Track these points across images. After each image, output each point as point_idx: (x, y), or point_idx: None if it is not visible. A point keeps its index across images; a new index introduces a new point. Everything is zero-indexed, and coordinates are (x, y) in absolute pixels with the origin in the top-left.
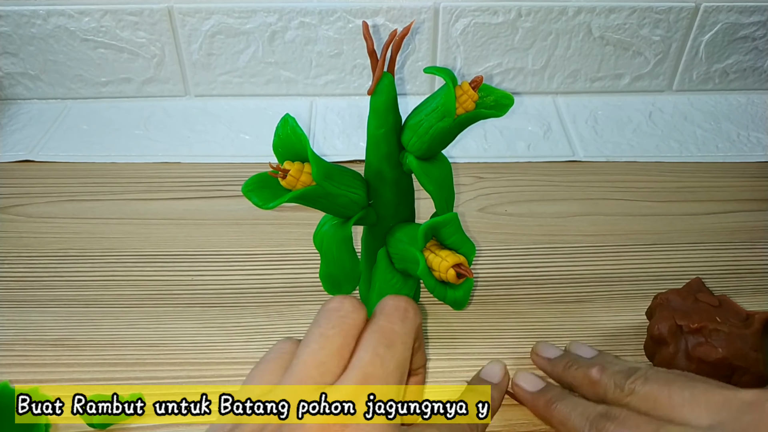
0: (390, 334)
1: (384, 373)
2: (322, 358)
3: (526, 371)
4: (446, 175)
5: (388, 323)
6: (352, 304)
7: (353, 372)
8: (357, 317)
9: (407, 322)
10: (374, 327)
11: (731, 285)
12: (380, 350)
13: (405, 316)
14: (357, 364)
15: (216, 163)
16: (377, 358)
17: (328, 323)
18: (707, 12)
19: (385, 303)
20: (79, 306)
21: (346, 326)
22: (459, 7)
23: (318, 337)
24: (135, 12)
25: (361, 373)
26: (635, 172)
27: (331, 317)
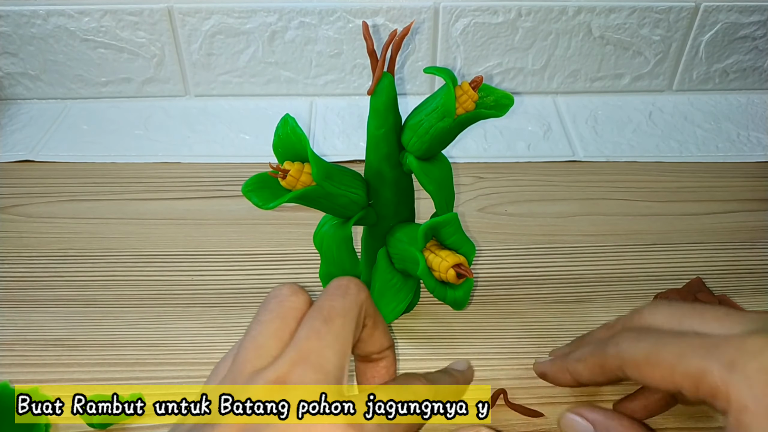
0: (328, 310)
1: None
2: (260, 342)
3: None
4: (446, 175)
5: (326, 300)
6: (290, 289)
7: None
8: (296, 300)
9: (348, 297)
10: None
11: (731, 285)
12: (316, 325)
13: (345, 292)
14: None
15: (216, 163)
16: (313, 333)
17: (265, 310)
18: (707, 12)
19: (328, 285)
20: (79, 306)
21: (283, 309)
22: (459, 7)
23: (255, 325)
24: (135, 12)
25: (296, 349)
26: (635, 172)
27: (268, 304)
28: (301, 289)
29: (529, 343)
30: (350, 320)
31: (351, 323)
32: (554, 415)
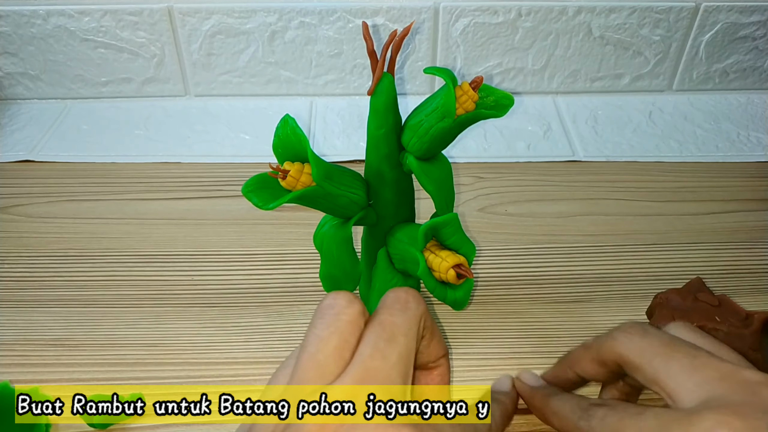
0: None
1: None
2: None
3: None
4: (446, 175)
5: (388, 316)
6: (346, 299)
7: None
8: (353, 312)
9: (408, 312)
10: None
11: (731, 285)
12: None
13: (405, 307)
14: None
15: (216, 163)
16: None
17: (323, 323)
18: (707, 12)
19: (386, 296)
20: (79, 306)
21: (342, 323)
22: (459, 7)
23: (314, 339)
24: (135, 12)
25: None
26: (635, 172)
27: (325, 316)
28: (356, 298)
29: (529, 343)
30: (412, 338)
31: (413, 341)
32: None
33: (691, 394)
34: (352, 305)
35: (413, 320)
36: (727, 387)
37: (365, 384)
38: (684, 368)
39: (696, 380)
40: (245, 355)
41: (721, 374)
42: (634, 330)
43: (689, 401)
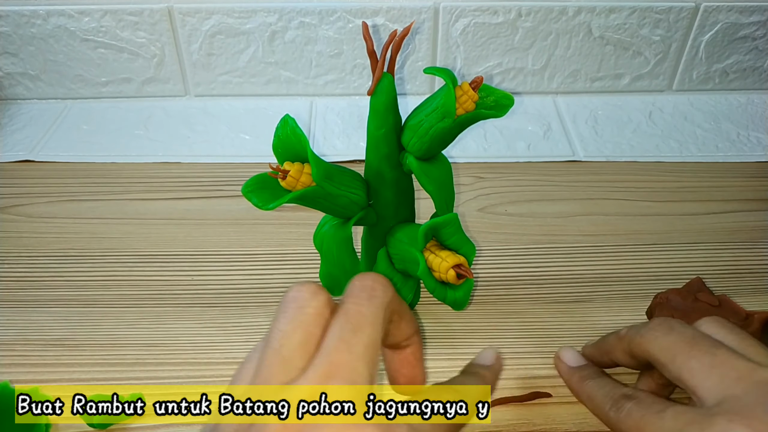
0: (356, 317)
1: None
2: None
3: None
4: (446, 175)
5: (353, 305)
6: (310, 290)
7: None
8: (317, 304)
9: (374, 300)
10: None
11: (731, 285)
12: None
13: (372, 294)
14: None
15: (216, 163)
16: (342, 344)
17: (286, 317)
18: (707, 12)
19: (352, 285)
20: (79, 306)
21: (306, 317)
22: (459, 7)
23: (277, 334)
24: (135, 12)
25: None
26: (635, 172)
27: (288, 310)
28: (321, 288)
29: (529, 343)
30: (379, 327)
31: (379, 329)
32: (553, 416)
33: (710, 392)
34: (317, 296)
35: (379, 308)
36: (742, 388)
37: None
38: (703, 366)
39: (714, 379)
40: (245, 355)
41: (739, 374)
42: (660, 327)
43: (708, 400)
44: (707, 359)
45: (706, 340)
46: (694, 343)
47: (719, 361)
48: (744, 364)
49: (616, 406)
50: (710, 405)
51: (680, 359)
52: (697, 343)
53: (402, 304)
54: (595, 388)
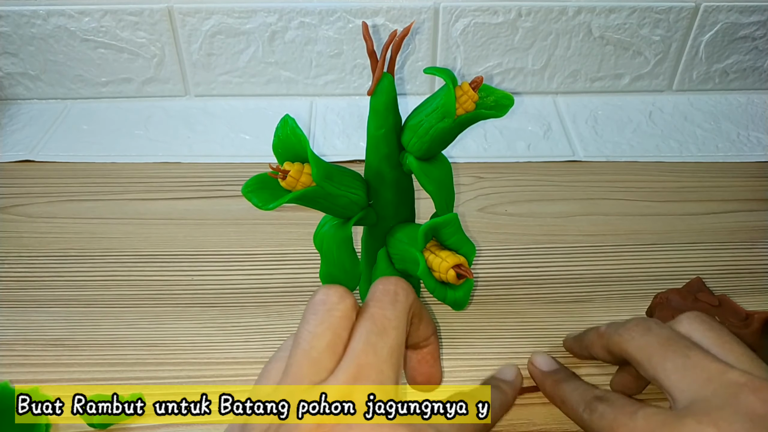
0: (381, 321)
1: (377, 360)
2: (314, 356)
3: (543, 353)
4: (446, 175)
5: (378, 309)
6: (338, 293)
7: (346, 364)
8: (345, 307)
9: (397, 305)
10: (366, 315)
11: (731, 285)
12: (372, 338)
13: (395, 299)
14: (350, 355)
15: (216, 163)
16: (369, 347)
17: (316, 319)
18: (707, 12)
19: (375, 288)
20: (79, 306)
21: (334, 319)
22: (459, 7)
23: (307, 336)
24: (135, 12)
25: (354, 365)
26: (635, 172)
27: (318, 312)
28: (347, 292)
29: (529, 342)
30: (402, 330)
31: (403, 332)
32: (552, 416)
33: (682, 393)
34: (344, 300)
35: (403, 312)
36: (712, 389)
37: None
38: (677, 368)
39: (687, 381)
40: (245, 355)
41: (709, 376)
42: (638, 328)
43: (680, 401)
44: (681, 361)
45: (681, 341)
46: (669, 345)
47: (692, 363)
48: (715, 365)
49: (590, 408)
50: (681, 406)
51: (655, 360)
52: (672, 344)
53: (422, 307)
54: (568, 391)
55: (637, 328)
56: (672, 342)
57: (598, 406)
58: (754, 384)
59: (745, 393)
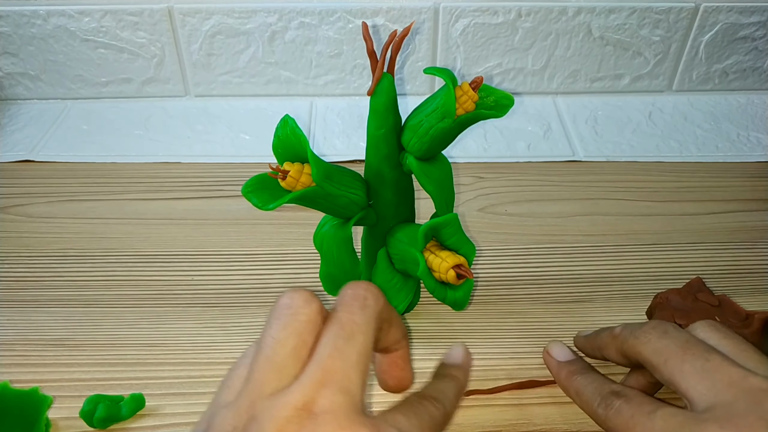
0: (349, 325)
1: (344, 365)
2: (278, 361)
3: (560, 342)
4: (446, 175)
5: (346, 314)
6: (303, 297)
7: (312, 369)
8: (310, 311)
9: (366, 310)
10: (333, 320)
11: (731, 285)
12: (339, 343)
13: (364, 304)
14: (316, 360)
15: (216, 163)
16: (336, 352)
17: (279, 324)
18: (707, 12)
19: (344, 293)
20: (79, 306)
21: (299, 324)
22: (459, 7)
23: (270, 341)
24: (135, 12)
25: (319, 369)
26: (635, 172)
27: (282, 317)
28: (313, 296)
29: (529, 342)
30: (371, 335)
31: (371, 337)
32: (552, 416)
33: (701, 396)
34: (310, 304)
35: (371, 317)
36: (734, 394)
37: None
38: (696, 371)
39: (706, 384)
40: None
41: (730, 380)
42: (655, 331)
43: (699, 404)
44: (700, 363)
45: (699, 344)
46: (687, 347)
47: (712, 366)
48: (736, 370)
49: (605, 402)
50: (701, 410)
51: (672, 362)
52: (691, 347)
53: (392, 312)
54: (584, 383)
55: (654, 331)
56: (691, 345)
57: (614, 401)
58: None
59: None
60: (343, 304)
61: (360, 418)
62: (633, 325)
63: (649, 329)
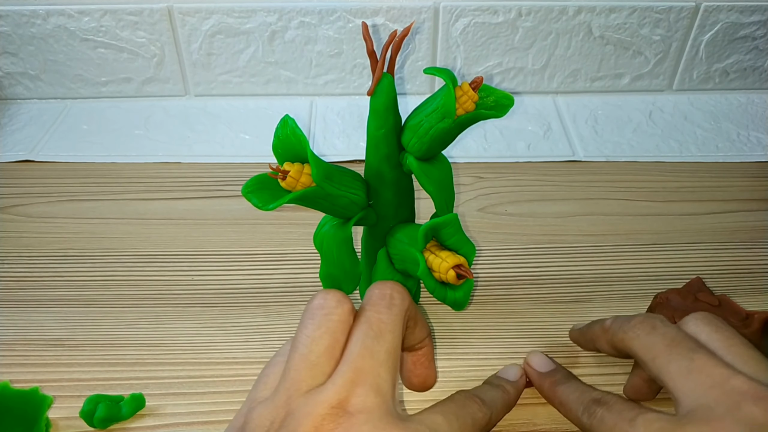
0: (377, 324)
1: (375, 364)
2: (312, 360)
3: (539, 352)
4: (446, 175)
5: (374, 313)
6: (336, 298)
7: (344, 368)
8: (342, 312)
9: (393, 309)
10: (362, 319)
11: (731, 285)
12: (368, 342)
13: (391, 303)
14: (348, 359)
15: (216, 163)
16: (366, 351)
17: (314, 324)
18: (707, 12)
19: (371, 293)
20: (79, 306)
21: (332, 324)
22: (459, 7)
23: (305, 340)
24: (135, 12)
25: (351, 368)
26: (635, 172)
27: (316, 317)
28: (344, 296)
29: (529, 342)
30: (398, 333)
31: (399, 336)
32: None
33: (686, 397)
34: (342, 305)
35: (399, 316)
36: (715, 397)
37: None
38: (681, 371)
39: (690, 386)
40: (245, 355)
41: (713, 382)
42: (642, 326)
43: (683, 405)
44: (685, 363)
45: (686, 342)
46: (674, 345)
47: (696, 367)
48: (720, 371)
49: (588, 411)
50: (684, 412)
51: (660, 361)
52: (677, 345)
53: (417, 310)
54: (567, 392)
55: (642, 326)
56: (677, 343)
57: (597, 410)
58: (757, 392)
59: (747, 402)
60: (370, 303)
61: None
62: (623, 318)
63: (637, 324)
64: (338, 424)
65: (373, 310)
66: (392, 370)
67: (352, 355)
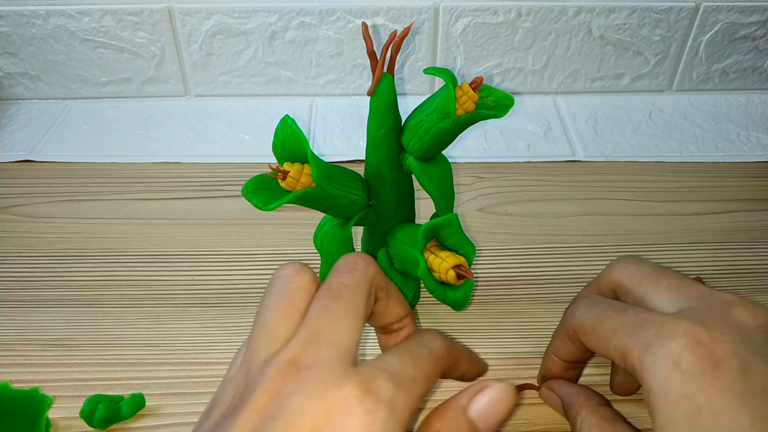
0: (337, 287)
1: (331, 322)
2: (270, 326)
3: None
4: (446, 175)
5: (335, 278)
6: (293, 268)
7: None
8: (301, 279)
9: (356, 273)
10: (323, 286)
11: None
12: (326, 302)
13: (353, 268)
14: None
15: (216, 163)
16: (323, 310)
17: (270, 293)
18: (707, 12)
19: (336, 263)
20: (79, 306)
21: (289, 291)
22: (459, 7)
23: (263, 309)
24: (135, 12)
25: (308, 330)
26: (635, 172)
27: (273, 286)
28: (305, 266)
29: (529, 343)
30: (360, 295)
31: (361, 297)
32: (552, 416)
33: (672, 304)
34: (301, 273)
35: (361, 279)
36: (706, 304)
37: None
38: (669, 287)
39: (678, 297)
40: None
41: (702, 294)
42: (629, 259)
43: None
44: (674, 281)
45: (673, 271)
46: (662, 271)
47: (685, 285)
48: (709, 290)
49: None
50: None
51: (647, 282)
52: (665, 271)
53: (388, 283)
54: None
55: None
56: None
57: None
58: (746, 303)
59: (738, 308)
60: (334, 270)
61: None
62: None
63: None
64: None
65: (335, 275)
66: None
67: (309, 318)
